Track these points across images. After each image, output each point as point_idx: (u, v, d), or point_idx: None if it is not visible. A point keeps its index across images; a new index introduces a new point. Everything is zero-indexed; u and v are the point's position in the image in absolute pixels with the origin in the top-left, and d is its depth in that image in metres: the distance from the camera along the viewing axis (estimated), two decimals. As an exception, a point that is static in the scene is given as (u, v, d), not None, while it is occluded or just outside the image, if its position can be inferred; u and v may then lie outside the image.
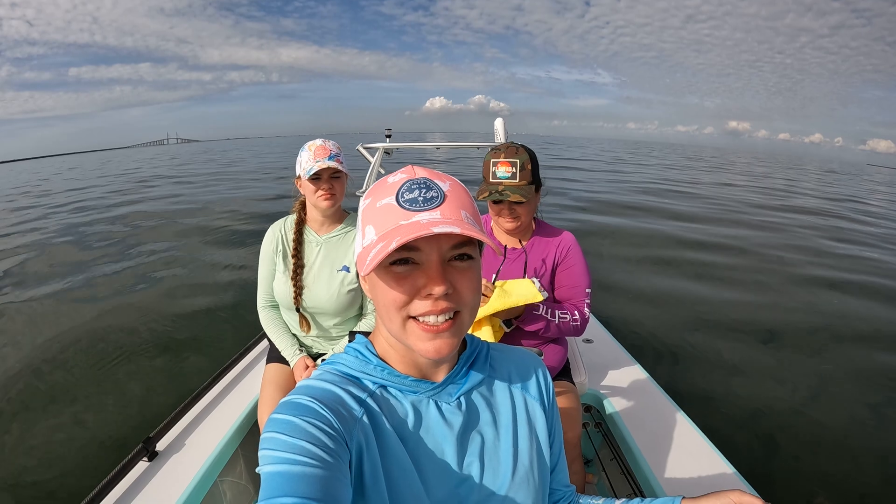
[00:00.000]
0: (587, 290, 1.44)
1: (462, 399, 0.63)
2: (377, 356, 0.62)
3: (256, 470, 0.49)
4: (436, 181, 0.55)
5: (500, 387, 0.67)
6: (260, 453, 0.50)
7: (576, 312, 1.41)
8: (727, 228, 8.38)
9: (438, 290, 0.51)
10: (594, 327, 2.22)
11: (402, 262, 0.52)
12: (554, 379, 1.52)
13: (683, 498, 0.65)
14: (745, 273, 5.65)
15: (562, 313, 1.39)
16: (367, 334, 0.70)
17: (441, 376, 0.62)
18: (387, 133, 3.01)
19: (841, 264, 6.39)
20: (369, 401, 0.58)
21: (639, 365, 1.89)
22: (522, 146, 1.40)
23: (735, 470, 1.31)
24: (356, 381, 0.60)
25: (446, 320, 0.53)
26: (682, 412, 1.57)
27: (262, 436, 0.50)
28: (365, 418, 0.56)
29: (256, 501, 1.49)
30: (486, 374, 0.66)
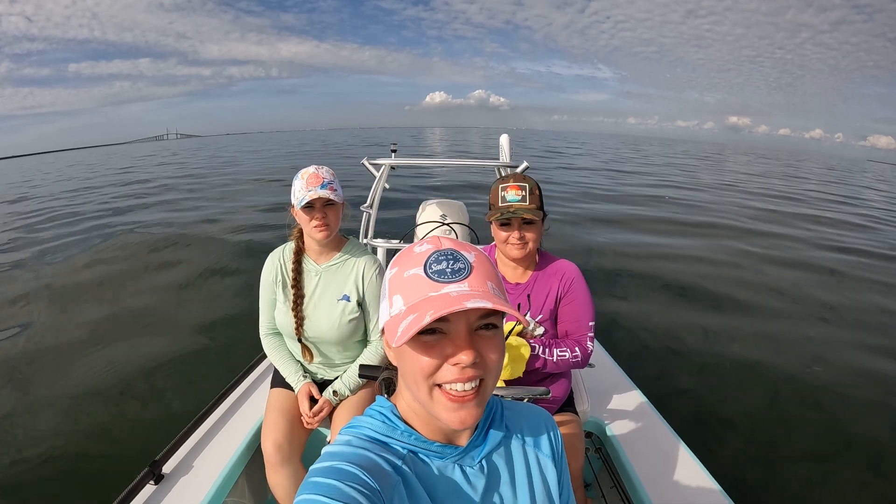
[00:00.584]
0: (590, 324, 1.43)
1: (484, 462, 0.65)
2: (403, 421, 0.64)
3: None
4: (462, 252, 0.58)
5: (515, 446, 0.70)
6: None
7: (576, 349, 1.39)
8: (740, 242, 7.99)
9: (467, 358, 0.53)
10: (596, 351, 2.21)
11: (430, 331, 0.54)
12: (558, 410, 1.53)
13: None
14: (756, 296, 5.44)
15: (560, 351, 1.38)
16: (376, 368, 0.72)
17: (464, 440, 0.65)
18: (392, 148, 3.00)
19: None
20: (403, 466, 0.60)
21: (639, 391, 1.90)
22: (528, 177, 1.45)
23: (731, 501, 1.33)
24: (386, 446, 0.61)
25: (473, 388, 0.55)
26: (682, 442, 1.59)
27: (300, 498, 0.51)
28: (401, 485, 0.58)
29: None
30: (502, 434, 0.69)
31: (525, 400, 1.23)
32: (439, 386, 0.56)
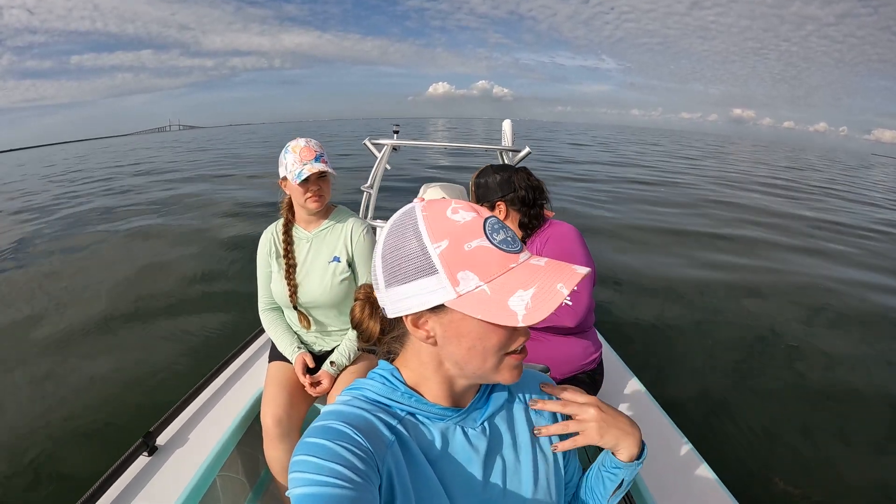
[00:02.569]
0: None
1: (486, 424, 0.65)
2: (404, 384, 0.63)
3: (287, 493, 0.50)
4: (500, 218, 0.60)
5: (518, 409, 0.70)
6: (290, 475, 0.51)
7: None
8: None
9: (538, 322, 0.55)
10: None
11: None
12: (566, 381, 1.50)
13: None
14: (767, 286, 5.31)
15: None
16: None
17: (467, 402, 0.65)
18: (394, 129, 3.00)
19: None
20: (399, 427, 0.59)
21: (634, 375, 1.86)
22: (486, 169, 1.55)
23: (725, 488, 1.30)
24: (385, 408, 0.61)
25: None
26: (678, 429, 1.56)
27: (294, 458, 0.52)
28: (395, 445, 0.57)
29: (251, 495, 1.48)
30: (505, 397, 0.68)
31: None
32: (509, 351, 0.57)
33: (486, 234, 0.53)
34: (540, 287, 0.50)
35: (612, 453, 0.69)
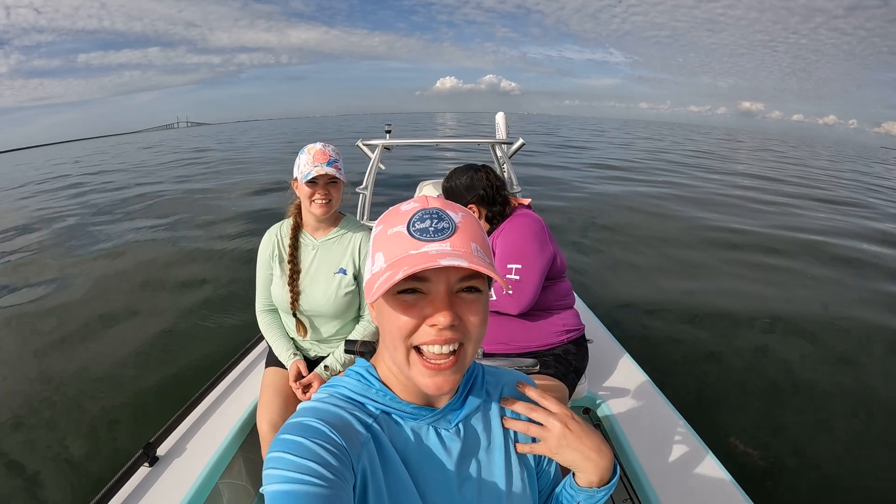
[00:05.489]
0: (510, 266, 1.49)
1: (460, 425, 0.65)
2: (379, 380, 0.63)
3: (261, 489, 0.51)
4: (448, 212, 0.56)
5: (494, 411, 0.69)
6: (265, 472, 0.50)
7: None
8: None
9: (444, 320, 0.52)
10: (593, 326, 2.15)
11: (411, 291, 0.53)
12: (540, 372, 1.50)
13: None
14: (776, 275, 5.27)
15: None
16: (364, 343, 0.73)
17: (442, 402, 0.64)
18: (386, 129, 3.00)
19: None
20: (374, 425, 0.59)
21: (638, 367, 1.85)
22: (452, 173, 1.62)
23: (731, 477, 1.30)
24: (361, 406, 0.61)
25: (450, 353, 0.54)
26: (682, 418, 1.55)
27: (268, 455, 0.51)
28: (370, 443, 0.57)
29: (256, 501, 1.49)
30: (482, 399, 0.68)
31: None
32: (417, 350, 0.55)
33: (409, 221, 0.55)
34: (396, 271, 0.50)
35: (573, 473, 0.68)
